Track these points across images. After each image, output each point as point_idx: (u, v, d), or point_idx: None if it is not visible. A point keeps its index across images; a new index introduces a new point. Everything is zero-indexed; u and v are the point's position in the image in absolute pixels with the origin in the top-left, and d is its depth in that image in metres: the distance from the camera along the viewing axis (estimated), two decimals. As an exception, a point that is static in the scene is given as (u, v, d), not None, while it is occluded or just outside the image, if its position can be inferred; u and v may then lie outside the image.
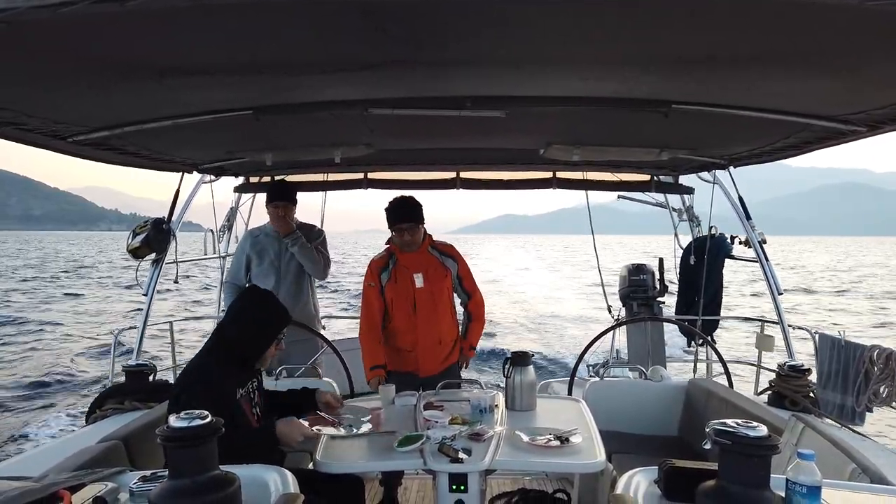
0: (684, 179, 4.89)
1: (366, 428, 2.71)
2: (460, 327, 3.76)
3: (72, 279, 40.66)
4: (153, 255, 4.14)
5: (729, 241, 4.85)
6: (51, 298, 28.77)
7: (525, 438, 2.55)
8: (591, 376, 4.32)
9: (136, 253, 4.04)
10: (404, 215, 3.45)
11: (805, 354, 4.18)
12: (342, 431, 2.69)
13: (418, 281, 3.51)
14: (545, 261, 66.57)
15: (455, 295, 3.73)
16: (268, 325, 2.59)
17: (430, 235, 3.62)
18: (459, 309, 3.82)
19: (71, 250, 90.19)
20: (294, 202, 4.23)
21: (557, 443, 2.51)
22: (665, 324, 5.22)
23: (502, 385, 3.21)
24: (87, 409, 3.56)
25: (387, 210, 3.49)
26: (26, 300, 27.86)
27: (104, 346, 14.81)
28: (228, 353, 2.51)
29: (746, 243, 4.53)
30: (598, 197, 5.51)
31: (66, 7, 1.04)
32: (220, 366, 2.46)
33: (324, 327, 4.74)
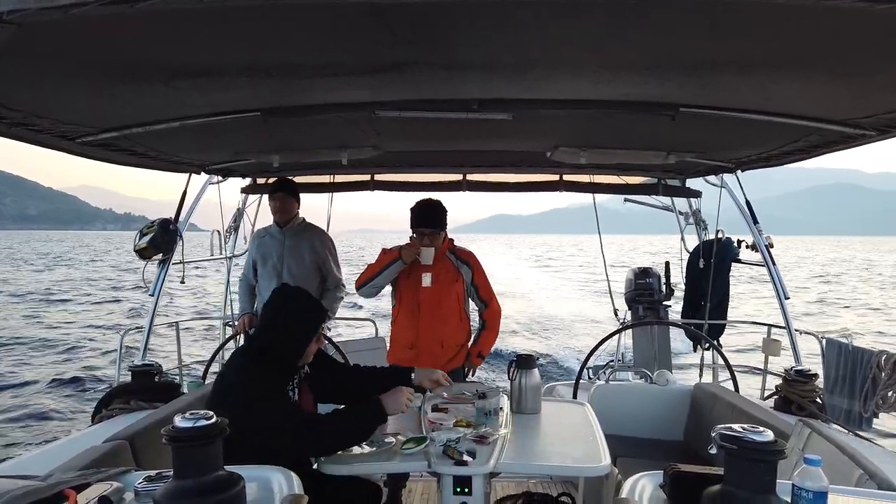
0: (691, 183, 4.88)
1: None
2: (472, 335, 3.75)
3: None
4: (160, 256, 4.16)
5: (735, 244, 4.83)
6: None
7: (445, 395, 2.63)
8: (589, 379, 4.30)
9: (143, 253, 4.06)
10: (428, 220, 3.49)
11: (805, 353, 4.17)
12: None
13: (425, 280, 3.54)
14: (540, 260, 66.35)
15: (473, 303, 3.74)
16: (303, 324, 2.46)
17: (451, 239, 3.65)
18: (475, 317, 3.80)
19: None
20: (291, 193, 4.24)
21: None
22: (671, 327, 5.20)
23: (507, 388, 3.20)
24: (92, 410, 3.57)
25: (412, 210, 3.52)
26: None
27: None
28: (263, 357, 2.38)
29: (753, 247, 4.51)
30: (598, 198, 5.54)
31: (76, 8, 1.04)
32: (258, 367, 2.34)
33: (329, 328, 4.74)
